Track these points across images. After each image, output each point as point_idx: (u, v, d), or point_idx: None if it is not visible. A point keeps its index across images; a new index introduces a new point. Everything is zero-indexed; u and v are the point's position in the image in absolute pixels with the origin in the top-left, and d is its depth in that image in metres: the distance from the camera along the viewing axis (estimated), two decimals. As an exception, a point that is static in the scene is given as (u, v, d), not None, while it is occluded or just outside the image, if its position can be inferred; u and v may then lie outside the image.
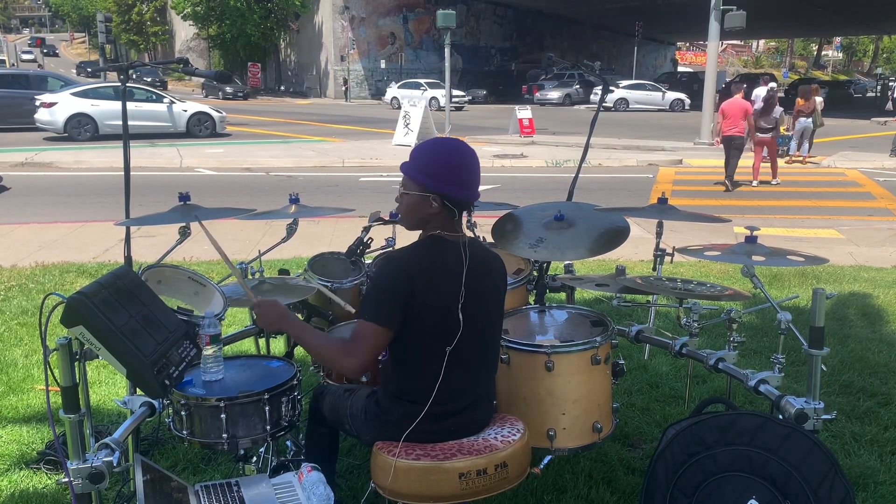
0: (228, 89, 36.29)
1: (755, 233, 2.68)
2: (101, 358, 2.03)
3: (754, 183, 11.91)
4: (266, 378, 2.38)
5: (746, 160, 11.95)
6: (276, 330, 2.19)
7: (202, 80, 37.86)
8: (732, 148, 11.49)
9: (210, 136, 18.09)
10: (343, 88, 37.91)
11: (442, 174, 2.03)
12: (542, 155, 15.40)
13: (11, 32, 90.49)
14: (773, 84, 14.44)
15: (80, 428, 1.98)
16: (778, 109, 11.93)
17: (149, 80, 36.91)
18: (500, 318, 2.28)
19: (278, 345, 3.56)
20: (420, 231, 2.14)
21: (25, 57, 58.63)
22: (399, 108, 16.49)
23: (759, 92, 13.82)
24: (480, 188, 2.16)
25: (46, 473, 2.96)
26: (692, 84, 42.44)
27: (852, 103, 38.83)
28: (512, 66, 43.80)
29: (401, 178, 2.12)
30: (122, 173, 2.92)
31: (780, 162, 13.98)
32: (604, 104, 3.72)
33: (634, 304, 3.60)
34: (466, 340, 2.08)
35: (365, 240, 3.17)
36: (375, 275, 2.10)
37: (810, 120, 14.41)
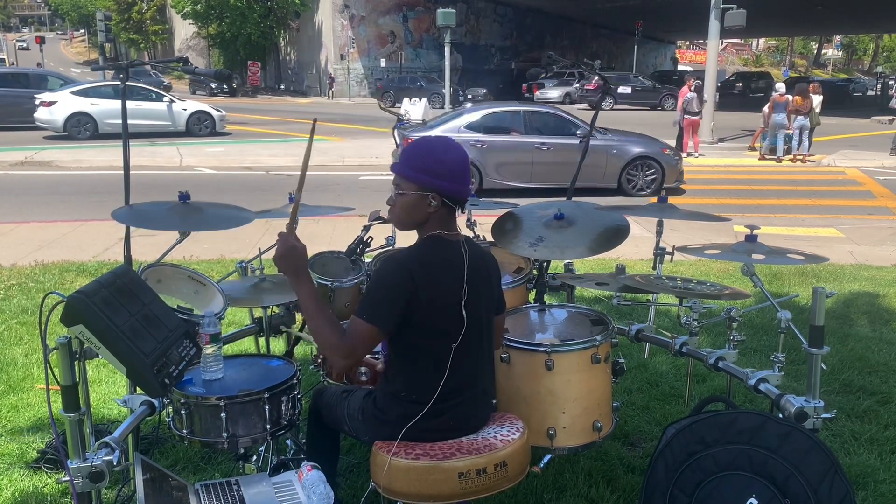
0: (213, 85, 35.66)
1: (755, 231, 2.68)
2: (100, 357, 2.03)
3: (697, 154, 15.34)
4: (266, 377, 2.38)
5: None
6: (286, 275, 2.04)
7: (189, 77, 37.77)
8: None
9: (210, 134, 18.06)
10: (330, 86, 37.26)
11: (439, 170, 2.02)
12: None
13: (11, 31, 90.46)
14: (698, 81, 16.26)
15: (80, 427, 1.97)
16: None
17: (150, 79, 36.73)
18: (494, 313, 2.29)
19: (278, 344, 3.56)
20: (416, 232, 2.13)
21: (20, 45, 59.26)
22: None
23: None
24: (480, 187, 2.17)
25: (46, 472, 2.96)
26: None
27: (852, 101, 38.54)
28: (512, 64, 43.74)
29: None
30: (122, 172, 2.92)
31: (786, 160, 14.83)
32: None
33: (634, 303, 3.60)
34: (468, 337, 2.09)
35: (365, 239, 3.18)
36: (377, 273, 2.09)
37: (807, 119, 14.47)
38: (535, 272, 3.23)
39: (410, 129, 11.23)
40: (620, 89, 32.33)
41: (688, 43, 70.69)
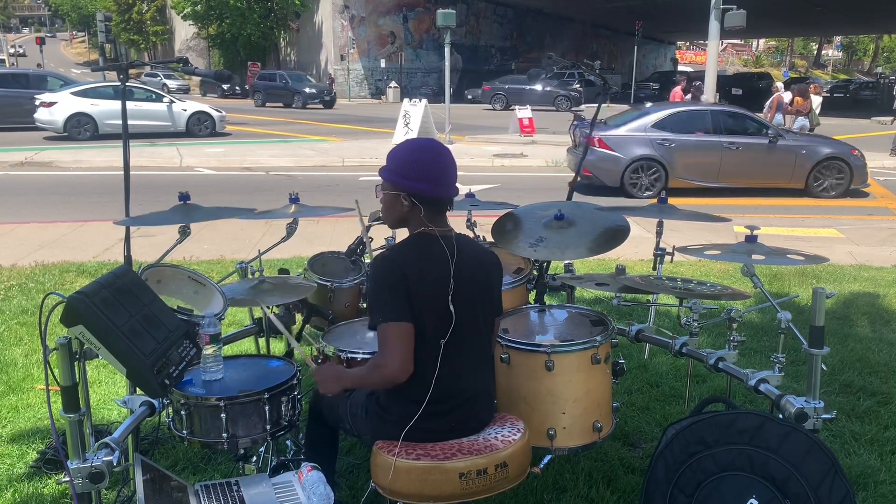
0: (225, 87, 35.50)
1: (755, 232, 2.68)
2: (100, 357, 2.03)
3: None
4: (266, 377, 2.38)
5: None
6: (337, 393, 2.23)
7: (199, 79, 37.75)
8: None
9: (210, 135, 18.06)
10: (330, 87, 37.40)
11: (409, 172, 2.09)
12: (542, 154, 15.38)
13: (11, 32, 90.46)
14: (698, 82, 16.88)
15: (79, 427, 1.98)
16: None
17: (175, 85, 36.94)
18: (492, 314, 2.29)
19: (278, 345, 3.56)
20: (406, 229, 2.18)
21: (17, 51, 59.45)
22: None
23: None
24: (480, 188, 2.18)
25: (46, 473, 2.96)
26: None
27: (879, 102, 37.88)
28: (512, 65, 43.73)
29: None
30: (122, 172, 2.92)
31: None
32: None
33: (634, 304, 3.61)
34: (459, 334, 2.09)
35: (365, 239, 3.18)
36: (372, 278, 2.13)
37: (807, 119, 14.47)
38: (535, 273, 3.23)
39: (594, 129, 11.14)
40: (734, 90, 34.06)
41: (688, 43, 70.69)
